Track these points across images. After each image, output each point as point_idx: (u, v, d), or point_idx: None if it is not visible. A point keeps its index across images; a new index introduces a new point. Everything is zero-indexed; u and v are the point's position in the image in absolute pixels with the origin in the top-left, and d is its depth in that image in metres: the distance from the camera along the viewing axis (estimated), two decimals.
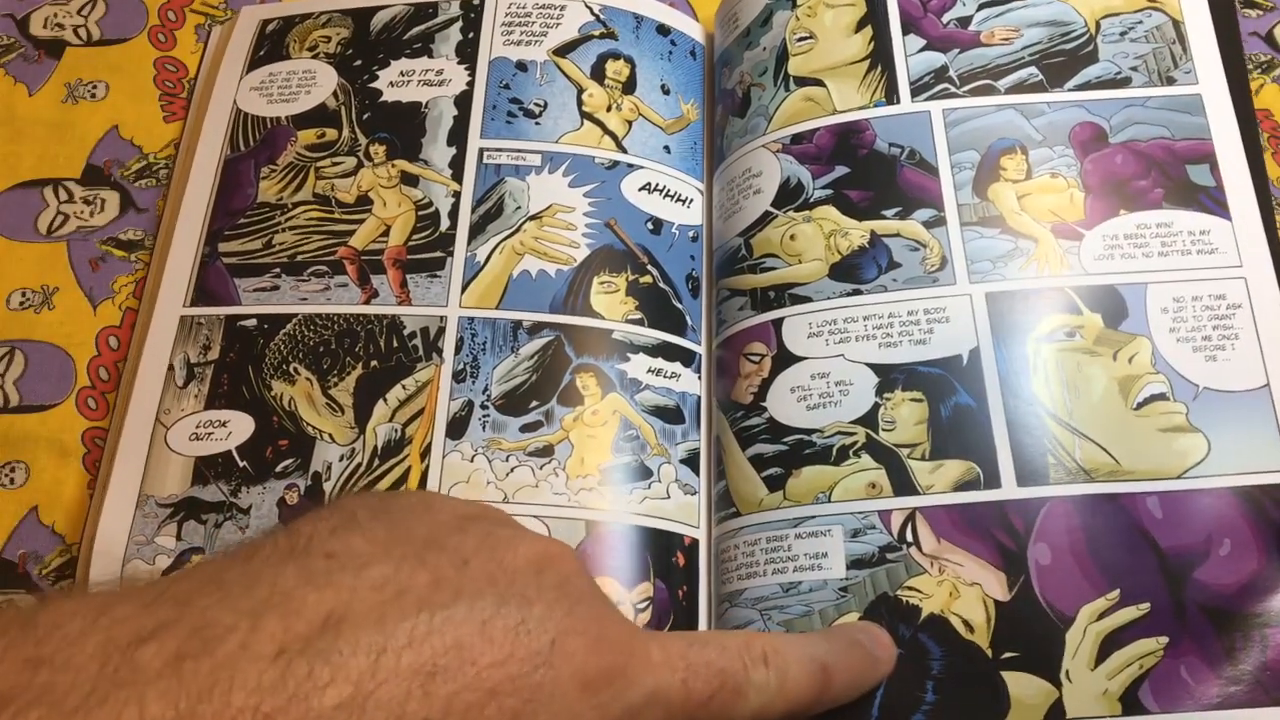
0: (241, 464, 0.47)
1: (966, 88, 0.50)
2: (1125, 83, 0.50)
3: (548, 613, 0.30)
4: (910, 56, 0.51)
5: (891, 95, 0.51)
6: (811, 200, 0.50)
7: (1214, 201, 0.47)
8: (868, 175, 0.49)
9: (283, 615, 0.27)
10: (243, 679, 0.25)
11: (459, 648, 0.28)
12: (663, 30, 0.56)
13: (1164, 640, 0.39)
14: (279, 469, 0.46)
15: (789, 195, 0.50)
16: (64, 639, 0.25)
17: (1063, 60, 0.50)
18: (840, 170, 0.50)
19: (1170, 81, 0.50)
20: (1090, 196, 0.48)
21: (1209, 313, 0.45)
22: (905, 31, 0.52)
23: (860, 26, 0.52)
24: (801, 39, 0.53)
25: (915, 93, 0.50)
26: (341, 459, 0.47)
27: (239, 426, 0.47)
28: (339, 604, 0.28)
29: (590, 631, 0.31)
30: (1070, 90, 0.50)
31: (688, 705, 0.33)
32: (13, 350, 0.52)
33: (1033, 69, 0.50)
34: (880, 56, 0.52)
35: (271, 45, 0.57)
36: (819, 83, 0.52)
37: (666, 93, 0.55)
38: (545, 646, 0.30)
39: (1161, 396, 0.44)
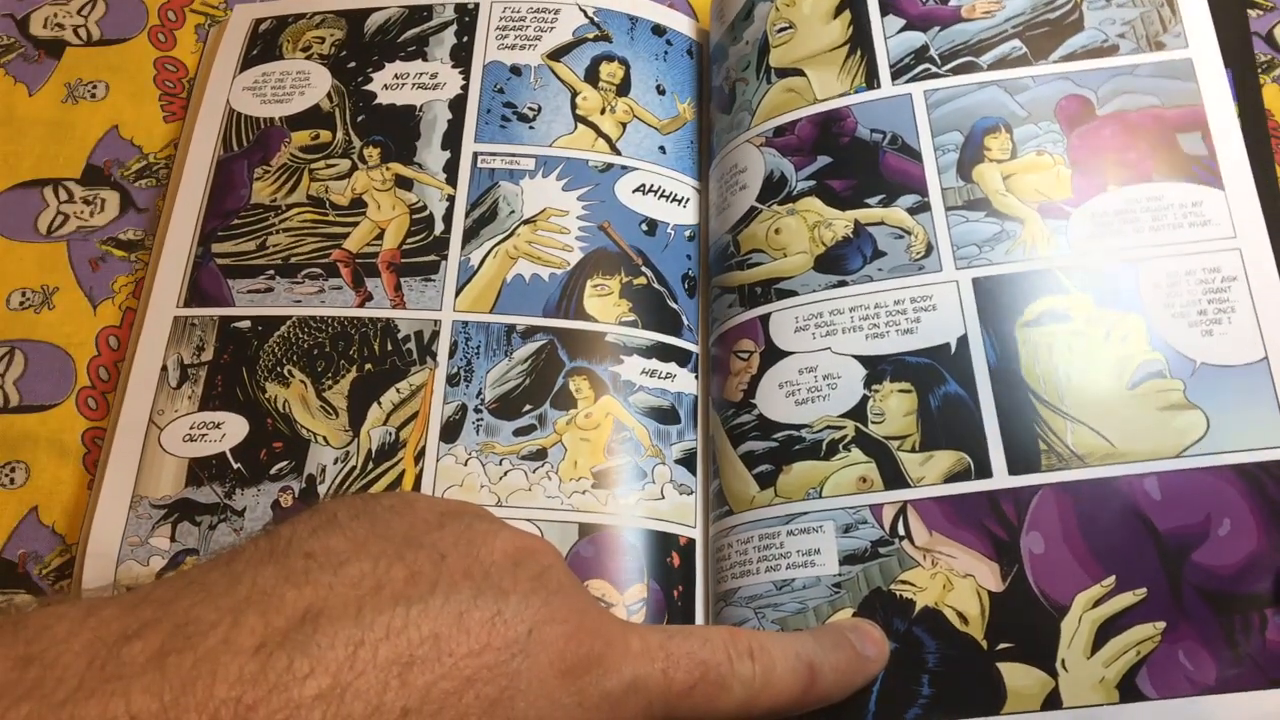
0: (235, 466, 0.47)
1: (948, 66, 0.50)
2: (1113, 50, 0.48)
3: (524, 603, 0.31)
4: (890, 38, 0.51)
5: (872, 80, 0.50)
6: (795, 193, 0.49)
7: (1206, 171, 0.46)
8: (850, 164, 0.49)
9: (262, 611, 0.28)
10: (224, 672, 0.26)
11: (435, 638, 0.29)
12: (658, 30, 0.57)
13: (1161, 625, 0.38)
14: (273, 471, 0.47)
15: (773, 189, 0.50)
16: (52, 639, 0.26)
17: (1047, 30, 0.49)
18: (822, 160, 0.49)
19: (1160, 46, 0.48)
20: (1077, 173, 0.46)
21: (1203, 286, 0.44)
22: (884, 13, 0.51)
23: (839, 11, 0.52)
24: (781, 29, 0.52)
25: (895, 75, 0.50)
26: (336, 462, 0.47)
27: (233, 428, 0.48)
28: (317, 599, 0.28)
29: (568, 621, 0.31)
30: (1055, 62, 0.49)
31: (668, 695, 0.33)
32: (13, 350, 0.53)
33: (1016, 42, 0.49)
34: (860, 40, 0.51)
35: (264, 45, 0.57)
36: (799, 73, 0.51)
37: (662, 93, 0.55)
38: (522, 635, 0.30)
39: (1158, 374, 0.42)
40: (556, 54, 0.55)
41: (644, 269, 0.51)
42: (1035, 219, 0.46)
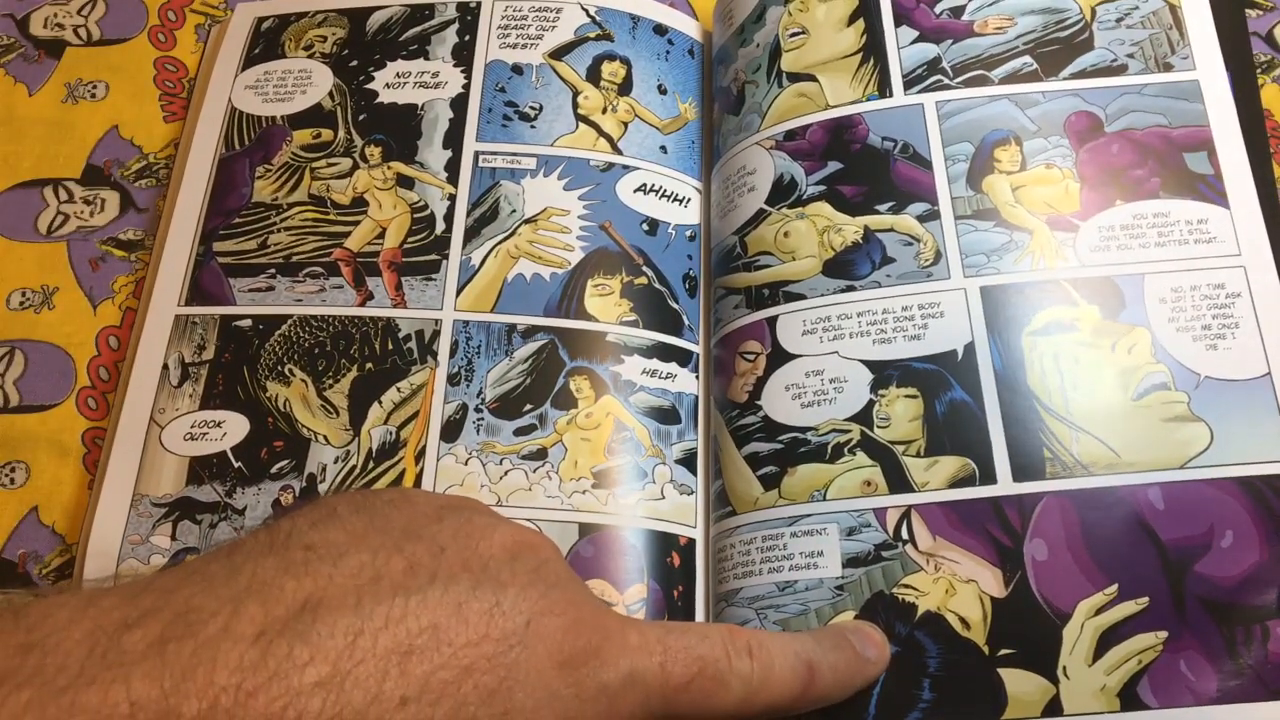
0: (236, 465, 0.47)
1: (960, 79, 0.50)
2: (1121, 70, 0.49)
3: (522, 595, 0.31)
4: (903, 49, 0.51)
5: (884, 88, 0.50)
6: (805, 197, 0.49)
7: (1212, 190, 0.46)
8: (861, 170, 0.49)
9: (263, 601, 0.28)
10: (225, 659, 0.26)
11: (434, 629, 0.29)
12: (660, 30, 0.56)
13: (1163, 635, 0.39)
14: (274, 470, 0.46)
15: (782, 192, 0.50)
16: (53, 626, 0.26)
17: (1058, 49, 0.50)
18: (833, 166, 0.49)
19: (1167, 68, 0.49)
20: (1085, 187, 0.47)
21: (1208, 302, 0.44)
22: (898, 24, 0.52)
23: (852, 20, 0.52)
24: (794, 34, 0.53)
25: (908, 85, 0.50)
26: (336, 461, 0.47)
27: (234, 427, 0.47)
28: (316, 590, 0.29)
29: (566, 614, 0.32)
30: (1065, 79, 0.49)
31: (666, 689, 0.33)
32: (13, 350, 0.52)
33: (1027, 58, 0.50)
34: (873, 49, 0.51)
35: (267, 43, 0.57)
36: (812, 78, 0.51)
37: (663, 92, 0.55)
38: (520, 627, 0.30)
39: (1163, 386, 0.43)
40: (558, 53, 0.55)
41: (645, 269, 0.51)
42: (1043, 230, 0.46)
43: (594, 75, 0.55)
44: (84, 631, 0.26)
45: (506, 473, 0.46)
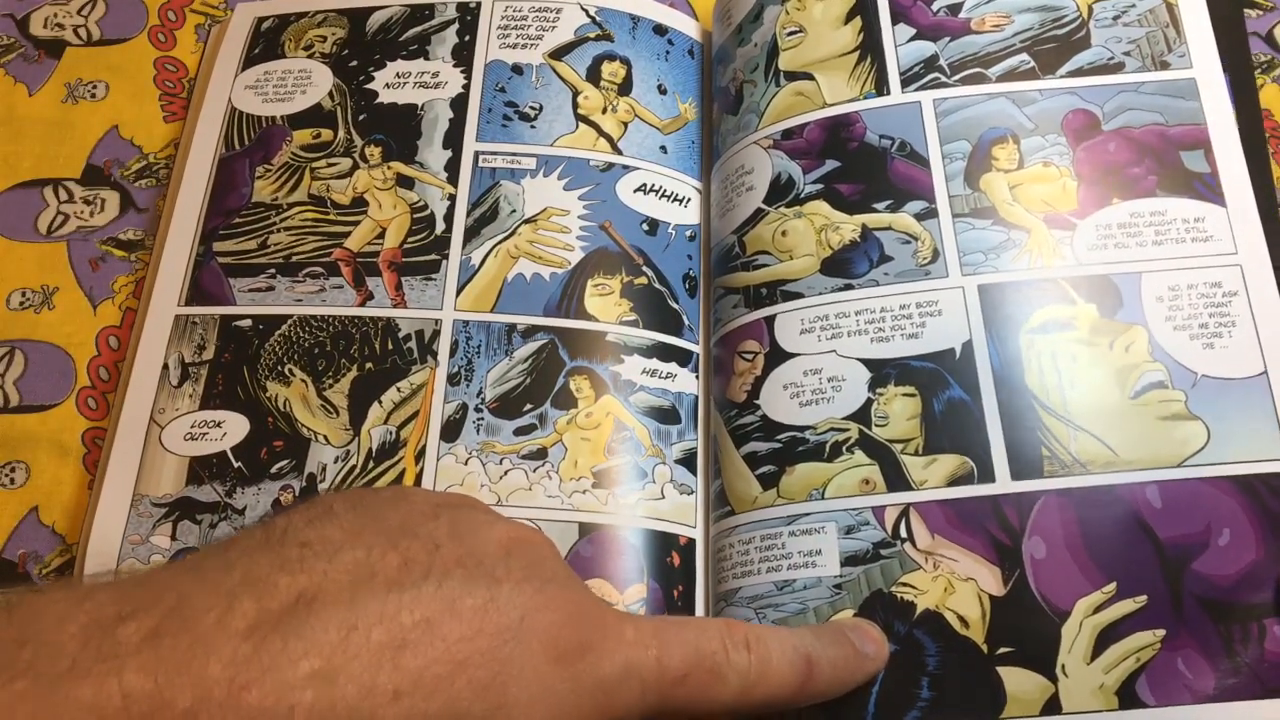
0: (236, 464, 0.47)
1: (957, 77, 0.50)
2: (1118, 68, 0.49)
3: (516, 591, 0.31)
4: (900, 46, 0.51)
5: (881, 86, 0.50)
6: (802, 195, 0.49)
7: (1208, 188, 0.46)
8: (858, 168, 0.49)
9: (257, 596, 0.28)
10: (218, 653, 0.26)
11: (428, 624, 0.29)
12: (660, 30, 0.57)
13: (1161, 633, 0.39)
14: (274, 470, 0.46)
15: (780, 191, 0.50)
16: (48, 620, 0.26)
17: (1055, 46, 0.50)
18: (830, 164, 0.49)
19: (1164, 66, 0.49)
20: (1083, 185, 0.47)
21: (1205, 300, 0.44)
22: (895, 21, 0.52)
23: (849, 18, 0.52)
24: (791, 33, 0.53)
25: (905, 83, 0.50)
26: (336, 461, 0.47)
27: (234, 427, 0.47)
28: (311, 585, 0.29)
29: (562, 608, 0.32)
30: (1062, 77, 0.49)
31: (662, 682, 0.33)
32: (13, 350, 0.52)
33: (1024, 56, 0.50)
34: (870, 47, 0.51)
35: (266, 43, 0.57)
36: (809, 77, 0.52)
37: (663, 92, 0.55)
38: (514, 622, 0.30)
39: (1160, 385, 0.43)
40: (558, 53, 0.55)
41: (645, 269, 0.51)
42: (1041, 229, 0.46)
43: (594, 75, 0.55)
44: (78, 625, 0.26)
45: (506, 472, 0.46)
